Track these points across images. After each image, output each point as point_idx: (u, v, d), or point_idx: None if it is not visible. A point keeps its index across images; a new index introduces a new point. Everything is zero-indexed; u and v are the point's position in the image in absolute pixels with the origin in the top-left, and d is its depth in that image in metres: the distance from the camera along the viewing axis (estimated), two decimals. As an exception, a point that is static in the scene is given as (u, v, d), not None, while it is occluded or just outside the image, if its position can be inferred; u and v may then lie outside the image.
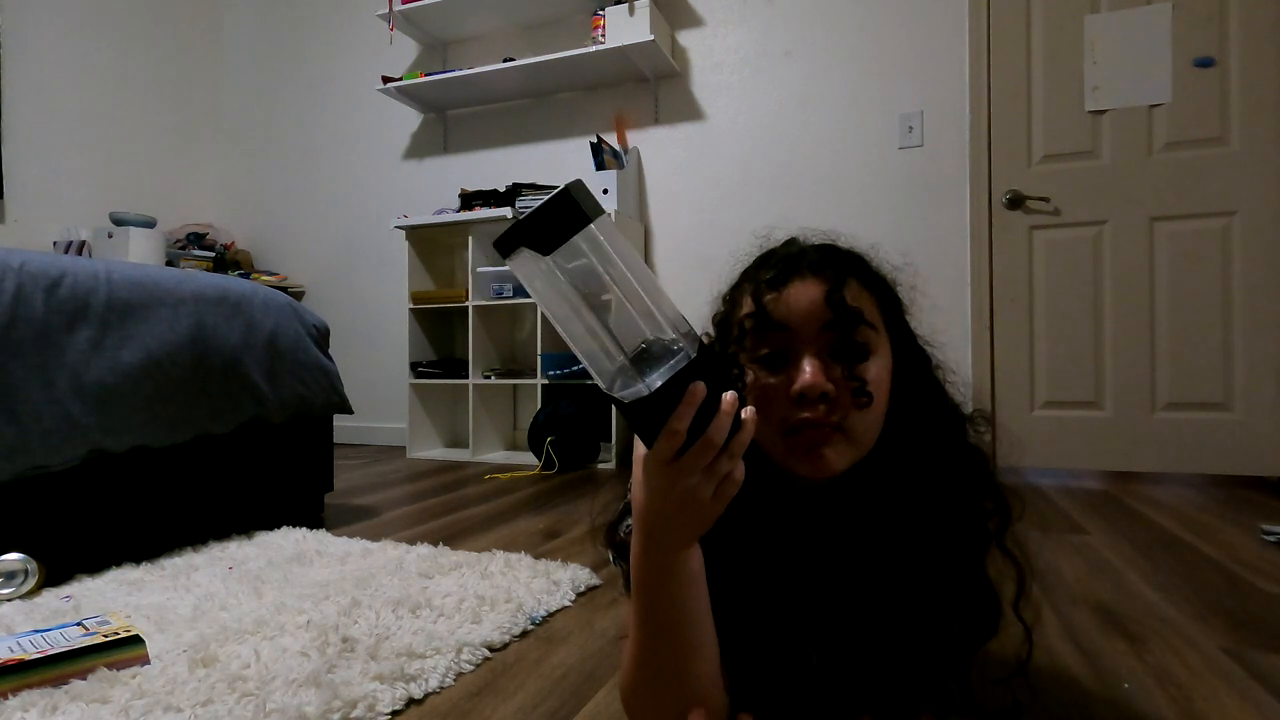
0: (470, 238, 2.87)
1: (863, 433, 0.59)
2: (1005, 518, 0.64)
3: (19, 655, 0.81)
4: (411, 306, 3.00)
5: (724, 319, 0.68)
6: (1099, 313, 2.34)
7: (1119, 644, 0.96)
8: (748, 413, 0.49)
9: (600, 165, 2.76)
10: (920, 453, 0.62)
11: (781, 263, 0.63)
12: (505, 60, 2.92)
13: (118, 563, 1.34)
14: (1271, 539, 1.50)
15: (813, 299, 0.59)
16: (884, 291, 0.64)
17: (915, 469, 0.62)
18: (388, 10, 3.07)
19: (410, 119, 3.43)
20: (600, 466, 2.64)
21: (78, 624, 0.91)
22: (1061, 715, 0.76)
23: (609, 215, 0.49)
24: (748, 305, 0.62)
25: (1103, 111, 2.33)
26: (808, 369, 0.57)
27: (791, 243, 0.68)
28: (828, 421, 0.58)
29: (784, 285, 0.60)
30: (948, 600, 0.61)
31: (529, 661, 0.92)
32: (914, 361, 0.64)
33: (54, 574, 1.24)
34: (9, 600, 1.13)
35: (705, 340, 0.67)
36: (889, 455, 0.62)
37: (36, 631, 0.89)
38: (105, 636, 0.87)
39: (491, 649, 0.95)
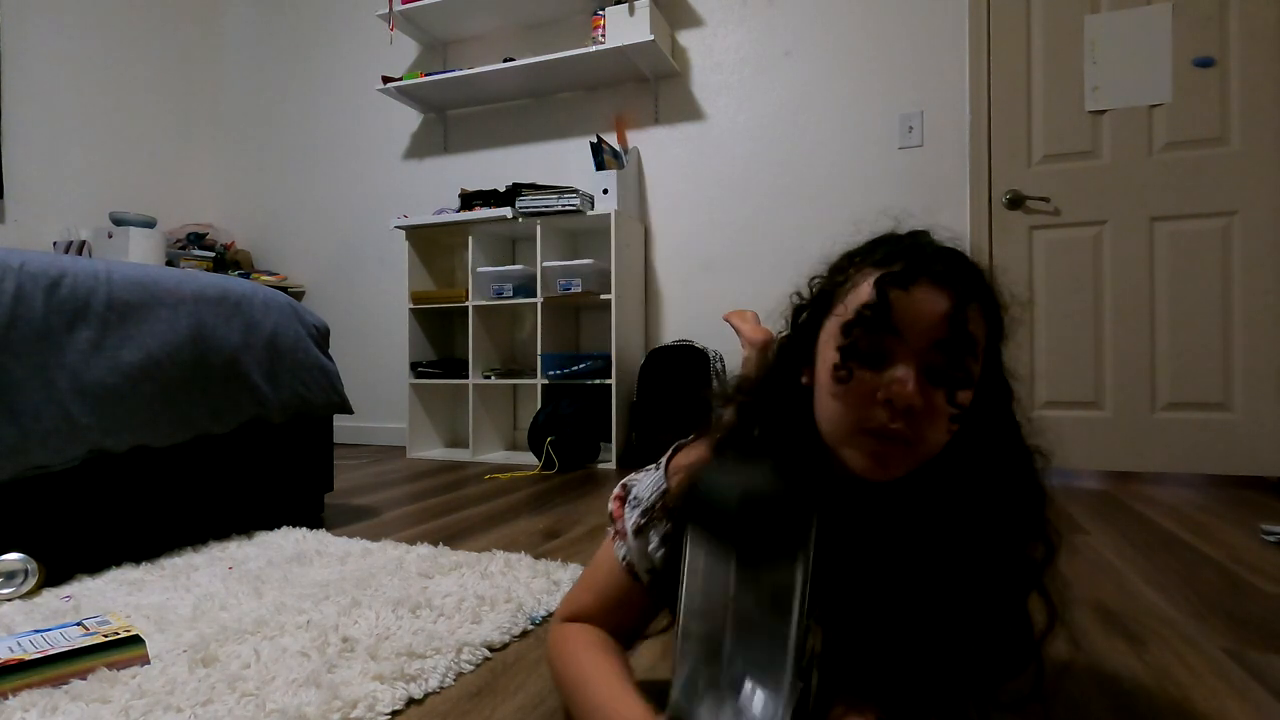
0: (470, 238, 2.87)
1: (928, 451, 0.58)
2: (1049, 557, 0.63)
3: (19, 655, 0.81)
4: (411, 306, 3.00)
5: (826, 289, 0.64)
6: (1099, 313, 2.34)
7: (1119, 644, 0.96)
8: None
9: (600, 165, 2.76)
10: (983, 483, 0.61)
11: (909, 255, 0.59)
12: (505, 60, 2.92)
13: (118, 563, 1.34)
14: (1271, 539, 1.50)
15: (934, 313, 0.56)
16: (996, 320, 0.61)
17: (970, 495, 0.61)
18: (388, 10, 3.07)
19: (410, 119, 3.43)
20: (600, 466, 2.64)
21: (78, 624, 0.91)
22: (1062, 715, 0.76)
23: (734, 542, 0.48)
24: (867, 292, 0.58)
25: (1103, 111, 2.33)
26: (908, 381, 0.55)
27: (920, 234, 0.65)
28: (904, 434, 0.56)
29: (911, 285, 0.57)
30: (976, 625, 0.60)
31: (529, 661, 0.92)
32: (997, 391, 0.62)
33: (54, 574, 1.24)
34: (9, 600, 1.13)
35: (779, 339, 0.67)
36: (948, 474, 0.61)
37: (36, 631, 0.89)
38: (105, 636, 0.87)
39: (491, 649, 0.95)
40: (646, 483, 0.74)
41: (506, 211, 2.80)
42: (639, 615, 0.75)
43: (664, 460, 0.73)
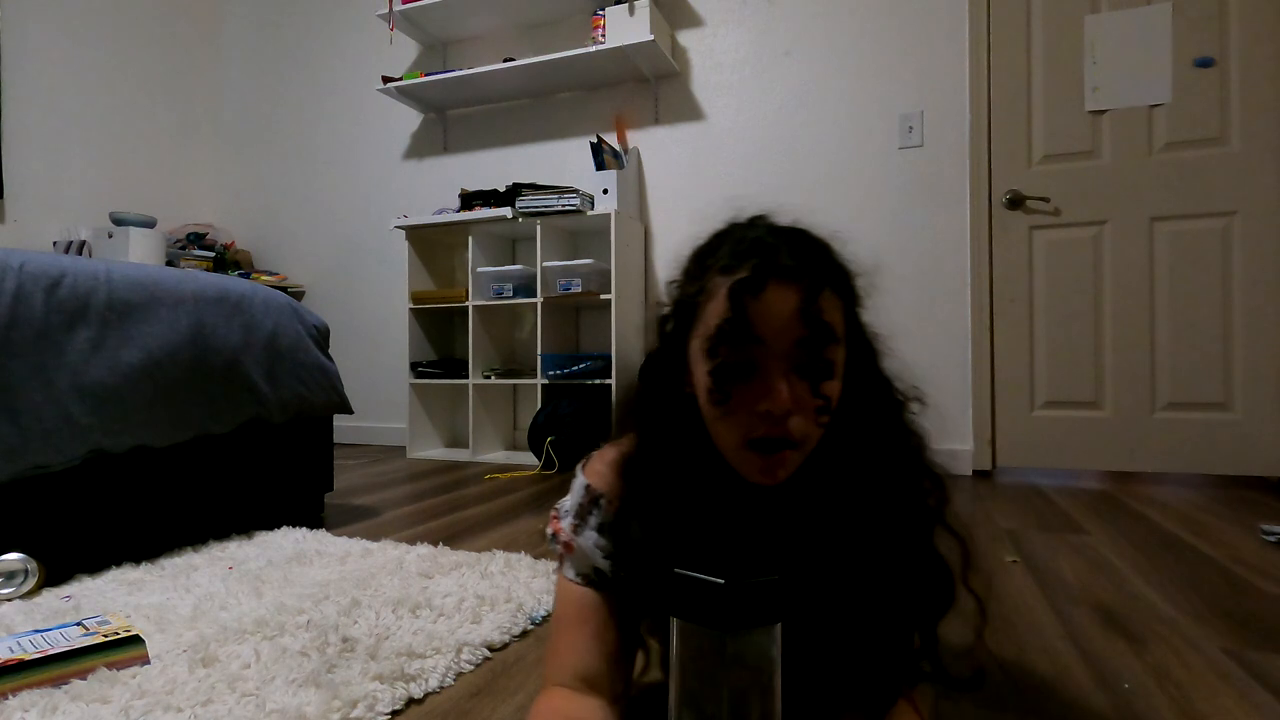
0: (470, 238, 2.87)
1: (811, 442, 0.61)
2: (943, 495, 0.65)
3: (19, 655, 0.81)
4: (411, 306, 3.00)
5: (686, 300, 0.64)
6: (1099, 313, 2.34)
7: (1119, 644, 0.96)
8: None
9: (600, 165, 2.75)
10: (861, 441, 0.63)
11: (755, 253, 0.59)
12: (505, 60, 2.92)
13: (118, 563, 1.34)
14: (1271, 539, 1.50)
15: (789, 313, 0.57)
16: (849, 292, 0.63)
17: (857, 456, 0.63)
18: (388, 10, 3.07)
19: (410, 119, 3.43)
20: (600, 466, 2.64)
21: (78, 624, 0.91)
22: (1062, 715, 0.76)
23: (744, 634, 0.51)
24: (722, 306, 0.59)
25: (1103, 111, 2.33)
26: (780, 390, 0.57)
27: (759, 222, 0.65)
28: (785, 434, 0.58)
29: (761, 290, 0.57)
30: (901, 578, 0.62)
31: (529, 661, 0.92)
32: (862, 355, 0.64)
33: (54, 574, 1.24)
34: (9, 600, 1.13)
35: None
36: (832, 444, 0.63)
37: (36, 631, 0.89)
38: (105, 636, 0.87)
39: (491, 649, 0.95)
40: (572, 494, 0.77)
41: (506, 211, 2.80)
42: (613, 639, 0.69)
43: (580, 468, 0.76)
